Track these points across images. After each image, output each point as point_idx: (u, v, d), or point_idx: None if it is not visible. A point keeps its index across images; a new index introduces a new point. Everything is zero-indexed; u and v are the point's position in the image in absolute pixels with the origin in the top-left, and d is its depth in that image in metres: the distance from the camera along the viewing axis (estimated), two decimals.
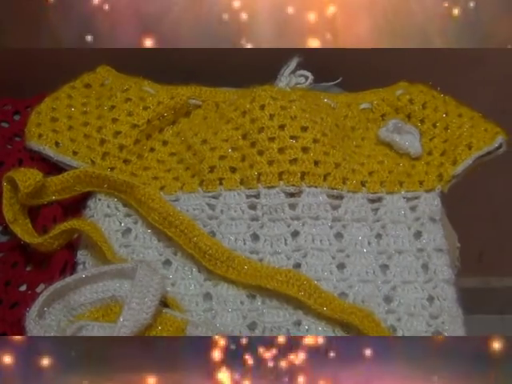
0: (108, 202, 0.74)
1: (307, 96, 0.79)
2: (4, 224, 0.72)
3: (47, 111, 0.79)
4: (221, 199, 0.74)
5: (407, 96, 0.82)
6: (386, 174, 0.76)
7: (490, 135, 0.79)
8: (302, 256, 0.71)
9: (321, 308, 0.67)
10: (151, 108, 0.78)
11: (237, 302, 0.69)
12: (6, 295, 0.69)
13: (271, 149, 0.74)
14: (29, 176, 0.70)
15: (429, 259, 0.71)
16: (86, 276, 0.65)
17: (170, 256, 0.71)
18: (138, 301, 0.62)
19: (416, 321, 0.68)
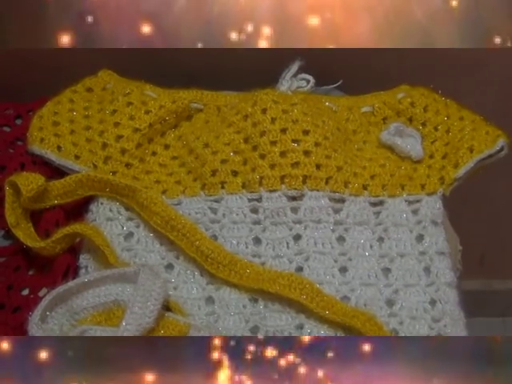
0: (110, 206, 0.74)
1: (309, 99, 0.79)
2: (6, 228, 0.73)
3: (49, 115, 0.79)
4: (223, 203, 0.74)
5: (409, 99, 0.83)
6: (388, 178, 0.77)
7: (491, 138, 0.79)
8: (304, 259, 0.71)
9: (323, 311, 0.67)
10: (153, 112, 0.78)
11: (239, 305, 0.69)
12: (8, 299, 0.69)
13: (273, 152, 0.74)
14: (31, 180, 0.70)
15: (431, 262, 0.72)
16: (89, 280, 0.65)
17: (172, 260, 0.71)
18: (141, 305, 0.62)
19: (418, 324, 0.68)
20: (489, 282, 1.42)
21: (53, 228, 0.72)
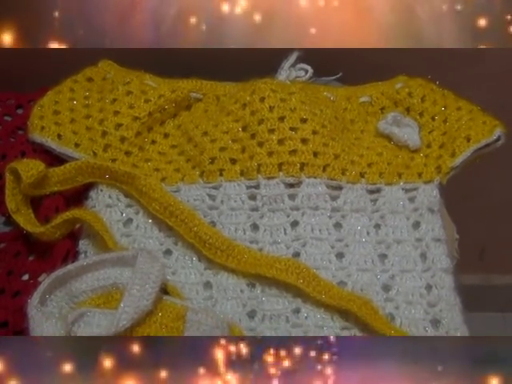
0: (109, 193, 0.75)
1: (307, 89, 0.80)
2: (7, 214, 0.73)
3: (50, 104, 0.80)
4: (221, 190, 0.75)
5: (406, 89, 0.83)
6: (385, 166, 0.77)
7: (488, 128, 0.79)
8: (301, 245, 0.72)
9: (319, 296, 0.67)
10: (152, 101, 0.79)
11: (237, 290, 0.69)
12: (8, 284, 0.70)
13: (271, 140, 0.75)
14: (31, 167, 0.71)
15: (427, 249, 0.72)
16: (88, 263, 0.65)
17: (170, 246, 0.72)
18: (139, 287, 0.62)
19: (414, 309, 0.68)
20: (488, 277, 1.43)
21: (52, 214, 0.72)
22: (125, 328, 0.61)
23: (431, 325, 0.68)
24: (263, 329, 0.67)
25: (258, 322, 0.67)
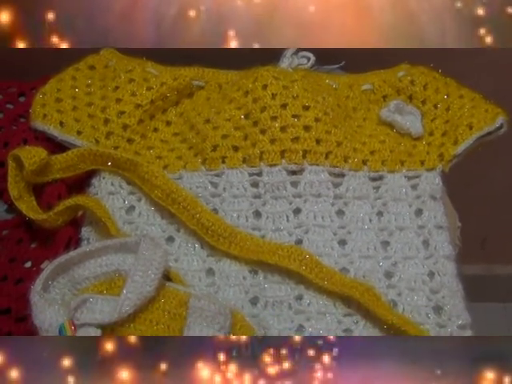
0: (112, 180, 0.75)
1: (309, 76, 0.80)
2: (9, 202, 0.73)
3: (52, 92, 0.80)
4: (223, 177, 0.75)
5: (409, 77, 0.83)
6: (388, 153, 0.77)
7: (490, 115, 0.79)
8: (303, 232, 0.72)
9: (322, 282, 0.67)
10: (154, 89, 0.79)
11: (239, 277, 0.69)
12: (11, 271, 0.70)
13: (273, 127, 0.75)
14: (34, 154, 0.71)
15: (429, 236, 0.72)
16: (90, 250, 0.65)
17: (173, 232, 0.72)
18: (142, 274, 0.63)
19: (416, 295, 0.68)
20: (490, 267, 1.43)
21: (55, 201, 0.72)
22: (127, 314, 0.62)
23: (433, 311, 0.68)
24: (266, 315, 0.67)
25: (260, 309, 0.67)
